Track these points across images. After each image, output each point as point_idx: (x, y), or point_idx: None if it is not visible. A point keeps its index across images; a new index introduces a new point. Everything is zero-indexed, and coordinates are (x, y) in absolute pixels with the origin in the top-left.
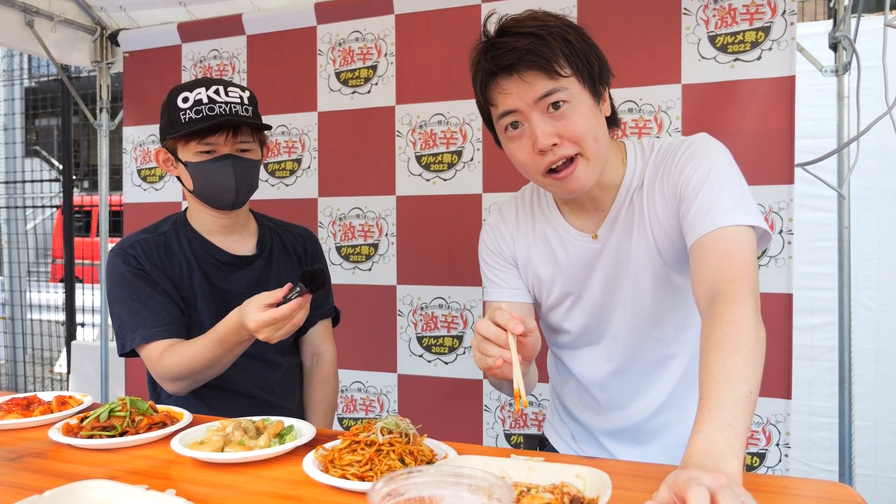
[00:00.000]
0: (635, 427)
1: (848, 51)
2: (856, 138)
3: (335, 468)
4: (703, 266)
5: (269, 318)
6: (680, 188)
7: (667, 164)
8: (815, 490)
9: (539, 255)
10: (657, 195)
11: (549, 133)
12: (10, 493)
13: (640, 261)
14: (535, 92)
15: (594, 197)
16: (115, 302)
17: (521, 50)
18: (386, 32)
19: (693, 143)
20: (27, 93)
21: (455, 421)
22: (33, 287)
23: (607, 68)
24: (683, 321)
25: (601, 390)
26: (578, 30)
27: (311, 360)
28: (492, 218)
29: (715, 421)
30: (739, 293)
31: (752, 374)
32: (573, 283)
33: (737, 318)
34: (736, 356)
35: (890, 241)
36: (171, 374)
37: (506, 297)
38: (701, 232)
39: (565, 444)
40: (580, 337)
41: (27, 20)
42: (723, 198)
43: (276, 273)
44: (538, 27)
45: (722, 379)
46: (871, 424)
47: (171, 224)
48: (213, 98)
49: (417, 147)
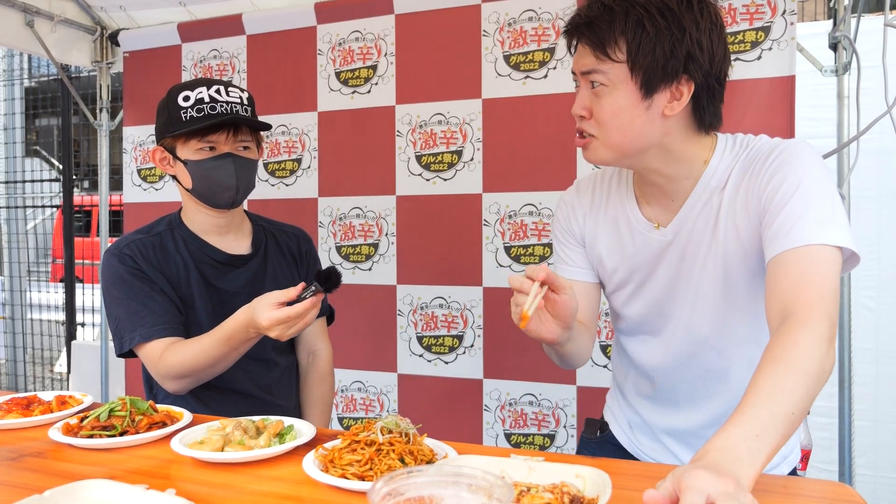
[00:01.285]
0: (690, 431)
1: (848, 51)
2: (856, 138)
3: (335, 468)
4: (779, 284)
5: (283, 316)
6: (765, 199)
7: (755, 170)
8: (815, 490)
9: (605, 238)
10: (739, 201)
11: (583, 105)
12: (10, 492)
13: (708, 264)
14: (581, 64)
15: (664, 187)
16: (111, 302)
17: (585, 20)
18: (386, 32)
19: (785, 149)
20: (27, 93)
21: (455, 421)
22: (33, 287)
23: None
24: (747, 336)
25: (656, 381)
26: (676, 16)
27: (307, 359)
28: (568, 194)
29: (744, 426)
30: (813, 317)
31: (800, 398)
32: (635, 271)
33: (803, 341)
34: (788, 375)
35: (890, 241)
36: (174, 373)
37: (571, 274)
38: (781, 248)
39: (622, 431)
40: (639, 325)
41: (27, 20)
42: (810, 214)
43: (271, 272)
44: (625, 2)
45: (766, 392)
46: (871, 424)
47: (165, 224)
48: (215, 97)
49: (417, 147)
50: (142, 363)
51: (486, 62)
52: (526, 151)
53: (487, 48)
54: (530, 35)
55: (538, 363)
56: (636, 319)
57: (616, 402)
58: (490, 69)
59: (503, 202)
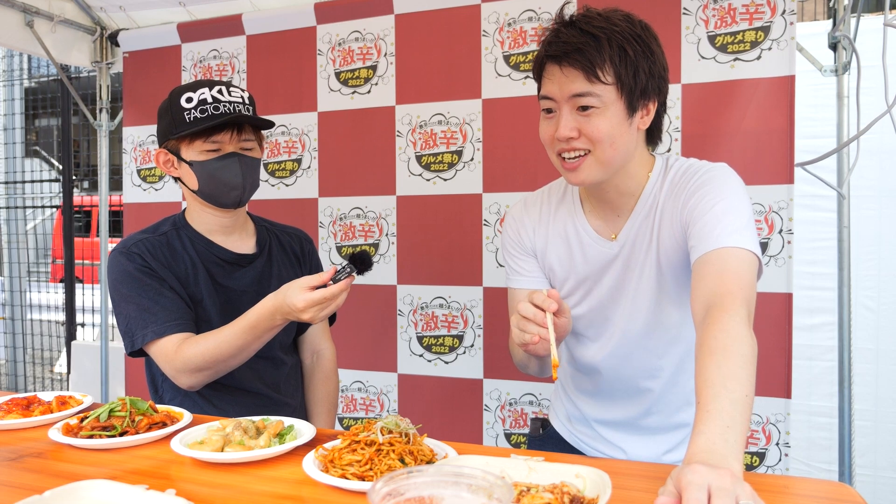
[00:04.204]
0: (625, 421)
1: (848, 50)
2: (856, 138)
3: (335, 468)
4: (702, 281)
5: (319, 297)
6: (688, 210)
7: (680, 186)
8: (815, 490)
9: (555, 250)
10: (667, 214)
11: (571, 127)
12: (10, 493)
13: (646, 271)
14: (571, 89)
15: (612, 201)
16: (120, 300)
17: (573, 46)
18: (386, 32)
19: (710, 170)
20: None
21: (455, 421)
22: (33, 287)
23: (657, 83)
24: (675, 337)
25: (596, 379)
26: (645, 42)
27: (312, 358)
28: (515, 209)
29: (714, 423)
30: (733, 304)
31: (746, 379)
32: (584, 279)
33: (729, 326)
34: (730, 361)
35: (890, 241)
36: (192, 366)
37: (527, 284)
38: (704, 249)
39: (562, 424)
40: (584, 328)
41: (27, 20)
42: (728, 221)
43: (276, 271)
44: (602, 29)
45: (718, 383)
46: (871, 424)
47: (170, 225)
48: (218, 98)
49: (417, 147)
50: (146, 363)
51: (486, 62)
52: (526, 151)
53: (487, 48)
54: (530, 35)
55: None
56: (582, 323)
57: (559, 399)
58: (490, 69)
59: (503, 202)
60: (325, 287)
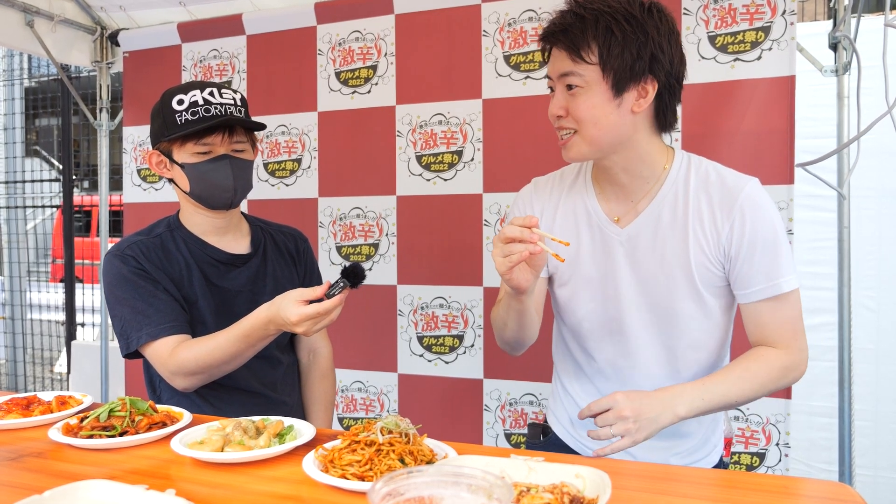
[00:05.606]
0: None
1: (848, 51)
2: (856, 138)
3: (335, 468)
4: (762, 328)
5: (313, 312)
6: (736, 239)
7: (722, 197)
8: (815, 490)
9: (560, 228)
10: (706, 222)
11: (560, 106)
12: (10, 493)
13: (657, 261)
14: (558, 68)
15: (625, 185)
16: (115, 302)
17: (560, 27)
18: (386, 32)
19: (750, 194)
20: (27, 93)
21: (455, 421)
22: (33, 287)
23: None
24: (694, 342)
25: (603, 382)
26: (640, 22)
27: (308, 357)
28: (525, 190)
29: (696, 388)
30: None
31: (747, 393)
32: (590, 265)
33: (771, 359)
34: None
35: (890, 241)
36: (187, 369)
37: None
38: (761, 295)
39: (564, 429)
40: (589, 323)
41: (27, 20)
42: (780, 262)
43: (271, 271)
44: (593, 10)
45: (727, 380)
46: (871, 424)
47: (164, 226)
48: (209, 99)
49: (418, 147)
50: (144, 364)
51: (486, 62)
52: (526, 151)
53: (487, 48)
54: (530, 35)
55: (538, 363)
56: (586, 317)
57: (558, 401)
58: (490, 69)
59: (503, 202)
60: (319, 301)
